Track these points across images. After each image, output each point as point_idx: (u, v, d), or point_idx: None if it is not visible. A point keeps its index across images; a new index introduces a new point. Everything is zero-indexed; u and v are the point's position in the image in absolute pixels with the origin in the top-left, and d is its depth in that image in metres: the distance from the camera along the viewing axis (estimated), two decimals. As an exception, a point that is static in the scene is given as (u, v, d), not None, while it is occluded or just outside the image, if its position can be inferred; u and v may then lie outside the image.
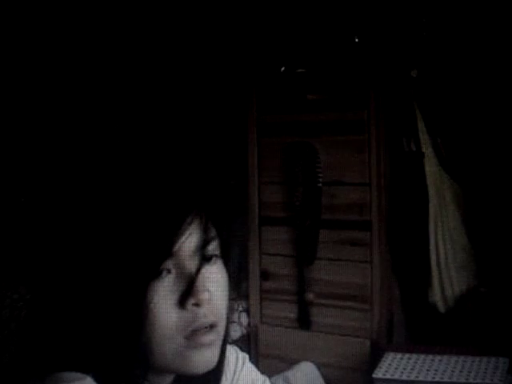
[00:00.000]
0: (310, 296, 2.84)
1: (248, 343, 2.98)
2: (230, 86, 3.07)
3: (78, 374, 0.91)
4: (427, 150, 2.75)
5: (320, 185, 2.79)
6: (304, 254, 2.85)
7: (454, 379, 2.28)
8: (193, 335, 0.93)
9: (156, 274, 0.92)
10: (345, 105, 2.75)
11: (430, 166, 2.75)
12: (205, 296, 0.93)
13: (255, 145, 2.96)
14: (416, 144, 2.73)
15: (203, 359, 0.95)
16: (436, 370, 2.36)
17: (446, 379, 2.29)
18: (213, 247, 0.98)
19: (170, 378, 1.01)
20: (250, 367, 1.18)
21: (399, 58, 2.72)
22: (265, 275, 2.98)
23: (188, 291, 0.93)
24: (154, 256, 0.92)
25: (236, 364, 1.15)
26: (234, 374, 1.14)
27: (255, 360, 2.83)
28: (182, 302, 0.93)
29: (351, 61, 2.74)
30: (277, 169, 2.92)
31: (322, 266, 2.82)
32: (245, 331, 3.00)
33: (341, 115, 2.75)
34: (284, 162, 2.89)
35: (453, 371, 2.33)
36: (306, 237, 2.84)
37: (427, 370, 2.36)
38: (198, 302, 0.93)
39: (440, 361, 2.42)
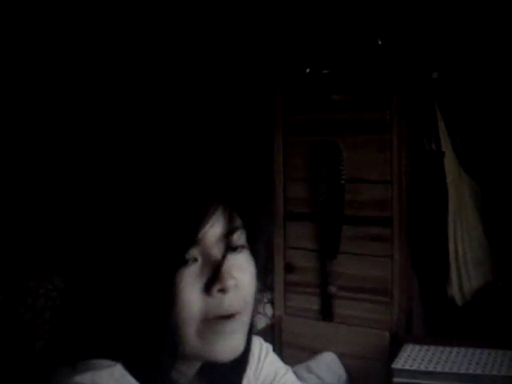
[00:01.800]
0: (333, 289, 2.85)
1: (272, 333, 2.97)
2: (258, 87, 3.08)
3: (108, 362, 0.92)
4: (447, 150, 2.74)
5: (343, 182, 2.79)
6: (327, 249, 2.86)
7: (471, 371, 2.28)
8: (217, 322, 0.94)
9: (182, 262, 0.93)
10: (367, 105, 2.74)
11: (450, 165, 2.74)
12: (230, 282, 0.93)
13: (281, 143, 2.96)
14: (436, 143, 2.72)
15: (229, 346, 0.96)
16: (453, 362, 2.35)
17: (462, 371, 2.28)
18: (238, 236, 0.98)
19: (196, 367, 1.03)
20: (273, 357, 1.19)
21: (421, 60, 2.71)
22: (289, 268, 2.98)
23: (214, 277, 0.93)
24: (179, 244, 0.92)
25: (260, 354, 1.17)
26: (258, 363, 1.16)
27: (279, 350, 2.84)
28: (207, 289, 0.93)
29: (374, 63, 2.73)
30: (301, 166, 2.92)
31: (345, 260, 2.83)
32: (269, 322, 3.00)
33: (364, 115, 2.75)
34: (308, 160, 2.89)
35: (469, 363, 2.33)
36: (329, 232, 2.84)
37: (444, 362, 2.35)
38: (224, 288, 0.93)
39: (457, 353, 2.41)
